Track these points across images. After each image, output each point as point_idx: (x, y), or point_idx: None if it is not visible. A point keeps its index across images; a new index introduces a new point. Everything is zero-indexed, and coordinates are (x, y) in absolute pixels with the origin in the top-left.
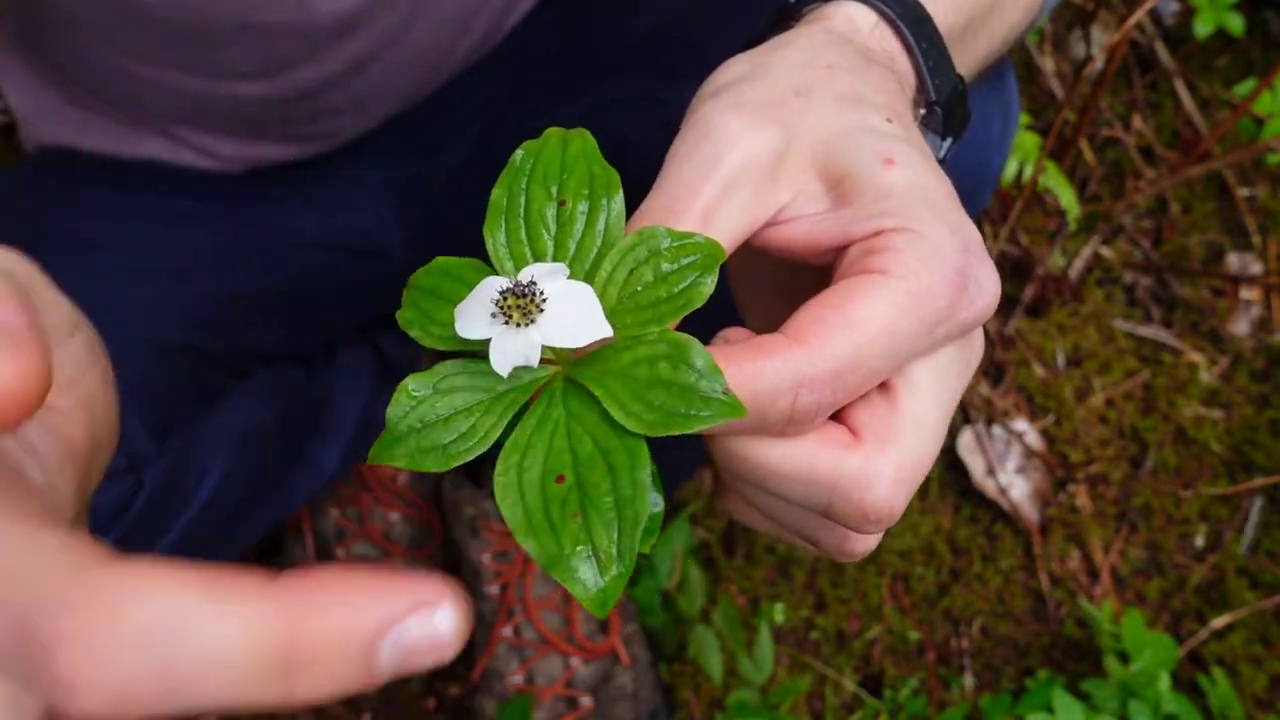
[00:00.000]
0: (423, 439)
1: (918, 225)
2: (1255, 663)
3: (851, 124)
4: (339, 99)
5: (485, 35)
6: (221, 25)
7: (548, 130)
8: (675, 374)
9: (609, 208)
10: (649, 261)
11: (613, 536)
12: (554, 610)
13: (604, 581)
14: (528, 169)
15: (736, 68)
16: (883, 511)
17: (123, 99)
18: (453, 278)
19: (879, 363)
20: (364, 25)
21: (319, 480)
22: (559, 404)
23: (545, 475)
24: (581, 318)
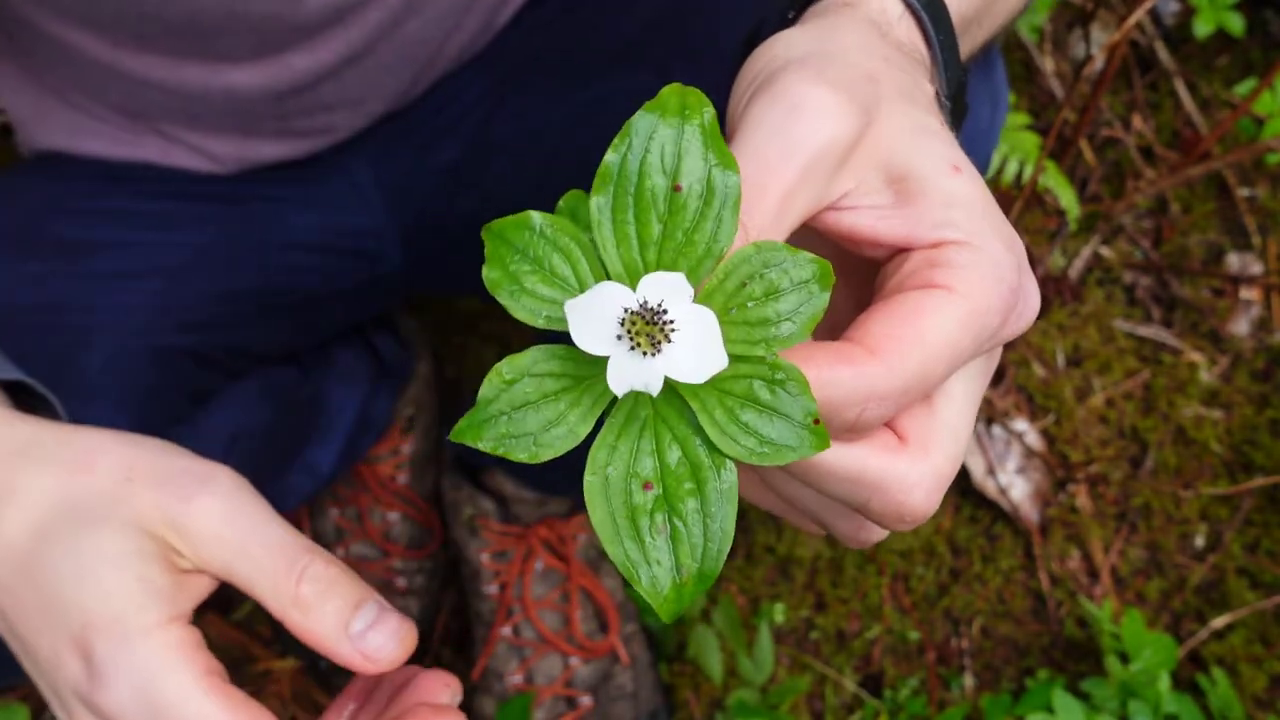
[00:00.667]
0: (513, 425)
1: (980, 240)
2: (1255, 663)
3: (915, 123)
4: (332, 93)
5: (478, 32)
6: (213, 16)
7: (665, 90)
8: (772, 398)
9: (724, 203)
10: (762, 276)
11: (697, 556)
12: (553, 610)
13: (682, 594)
14: (643, 140)
15: (801, 40)
16: (920, 514)
17: (116, 98)
18: (547, 239)
19: (939, 376)
20: (354, 16)
21: (315, 481)
22: (647, 404)
23: (630, 479)
24: (704, 349)
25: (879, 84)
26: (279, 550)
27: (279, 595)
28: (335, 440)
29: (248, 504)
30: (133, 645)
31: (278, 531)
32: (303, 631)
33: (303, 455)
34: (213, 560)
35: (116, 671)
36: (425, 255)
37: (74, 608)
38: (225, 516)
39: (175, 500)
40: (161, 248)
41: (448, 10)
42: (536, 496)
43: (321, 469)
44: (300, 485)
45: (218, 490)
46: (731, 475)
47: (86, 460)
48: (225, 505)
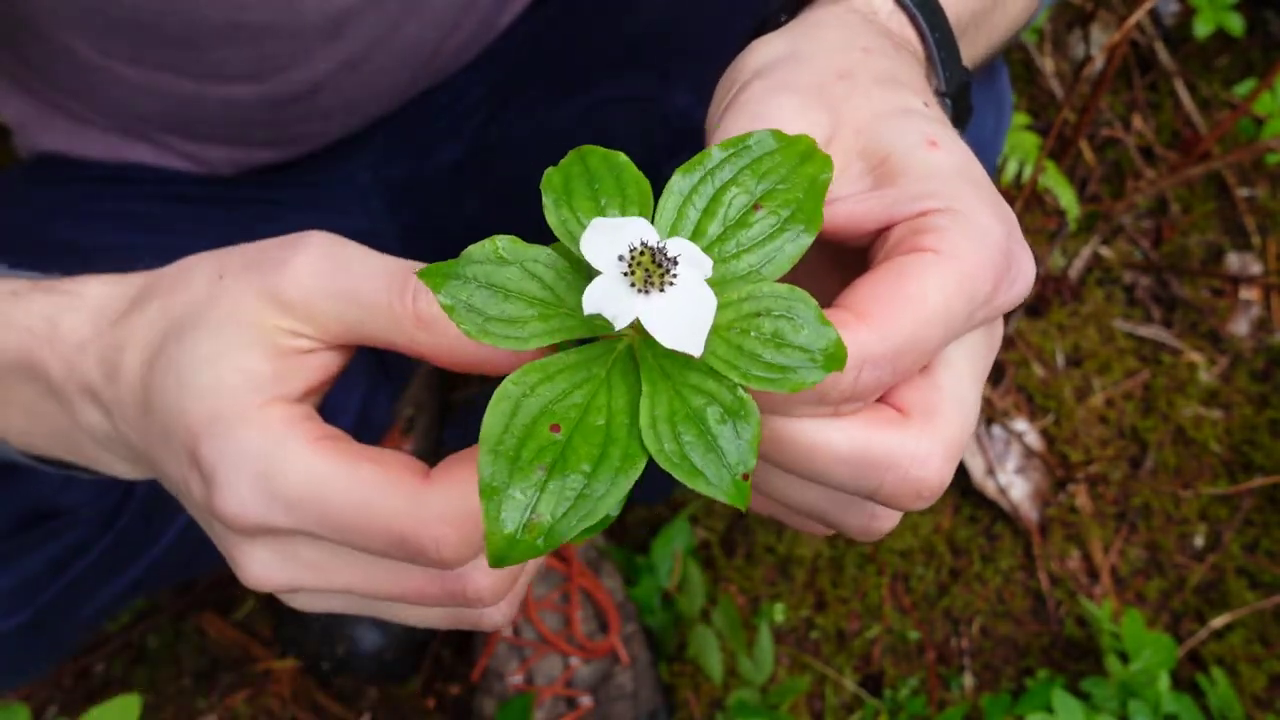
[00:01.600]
0: (475, 296)
1: (963, 205)
2: (1255, 662)
3: (893, 106)
4: (329, 101)
5: (476, 34)
6: (211, 26)
7: (802, 136)
8: (719, 428)
9: (790, 245)
10: (777, 319)
11: (555, 513)
12: (553, 610)
13: (518, 539)
14: (754, 154)
15: (774, 47)
16: (935, 487)
17: (111, 105)
18: (617, 182)
19: (934, 341)
20: (353, 25)
21: None
22: (606, 365)
23: (544, 414)
24: (686, 325)
25: (851, 77)
26: (385, 276)
27: (399, 322)
28: None
29: (346, 249)
30: (235, 434)
31: (379, 260)
32: (434, 351)
33: None
34: (326, 318)
35: (225, 467)
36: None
37: (180, 421)
38: (324, 268)
39: (270, 274)
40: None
41: (445, 11)
42: None
43: None
44: None
45: (311, 247)
46: (637, 465)
47: (183, 278)
48: (321, 258)
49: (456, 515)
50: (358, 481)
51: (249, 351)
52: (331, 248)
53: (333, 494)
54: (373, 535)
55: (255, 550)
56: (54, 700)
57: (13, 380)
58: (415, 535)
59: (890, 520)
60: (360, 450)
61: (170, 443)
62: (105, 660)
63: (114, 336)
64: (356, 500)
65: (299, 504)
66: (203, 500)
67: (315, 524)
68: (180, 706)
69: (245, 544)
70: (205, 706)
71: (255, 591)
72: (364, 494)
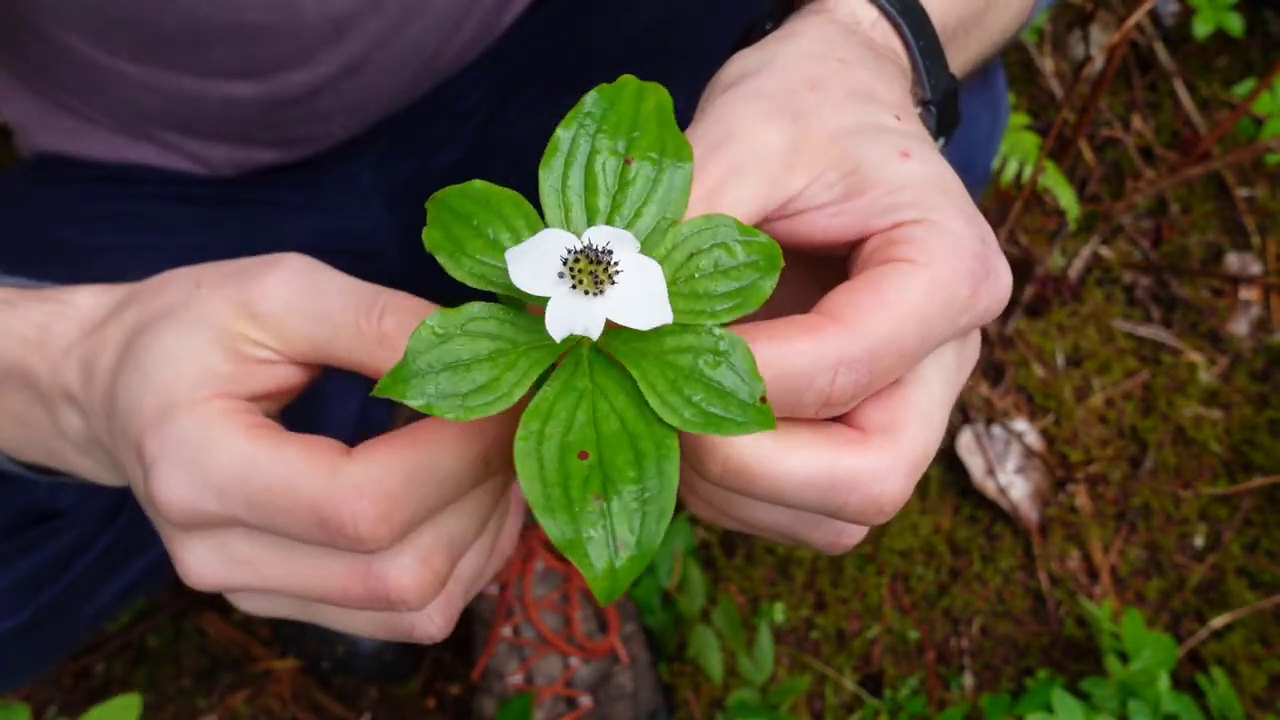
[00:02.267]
0: (441, 382)
1: (936, 216)
2: (1255, 662)
3: (864, 119)
4: (330, 103)
5: (477, 35)
6: (210, 25)
7: (623, 77)
8: (716, 372)
9: (674, 179)
10: (711, 250)
11: (634, 528)
12: (553, 610)
13: (619, 567)
14: (597, 116)
15: (748, 60)
16: (897, 503)
17: (111, 104)
18: (490, 209)
19: (911, 347)
20: (354, 28)
21: None
22: (585, 374)
23: (566, 449)
24: (649, 298)
25: (822, 87)
26: (354, 297)
27: (364, 341)
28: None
29: (319, 271)
30: (174, 423)
31: (349, 283)
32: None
33: None
34: (295, 335)
35: (162, 455)
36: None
37: (134, 417)
38: (297, 287)
39: (245, 286)
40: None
41: (446, 14)
42: None
43: None
44: None
45: (287, 266)
46: (673, 445)
47: (162, 288)
48: (296, 277)
49: (373, 488)
50: (281, 460)
51: (210, 350)
52: (307, 269)
53: (257, 474)
54: (295, 514)
55: (193, 544)
56: (54, 700)
57: (6, 388)
58: (333, 508)
59: (857, 535)
60: (289, 434)
61: (127, 438)
62: (105, 660)
63: (93, 340)
64: (279, 478)
65: (227, 488)
66: (143, 491)
67: (242, 507)
68: (180, 706)
69: (183, 537)
70: (205, 706)
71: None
72: (286, 470)
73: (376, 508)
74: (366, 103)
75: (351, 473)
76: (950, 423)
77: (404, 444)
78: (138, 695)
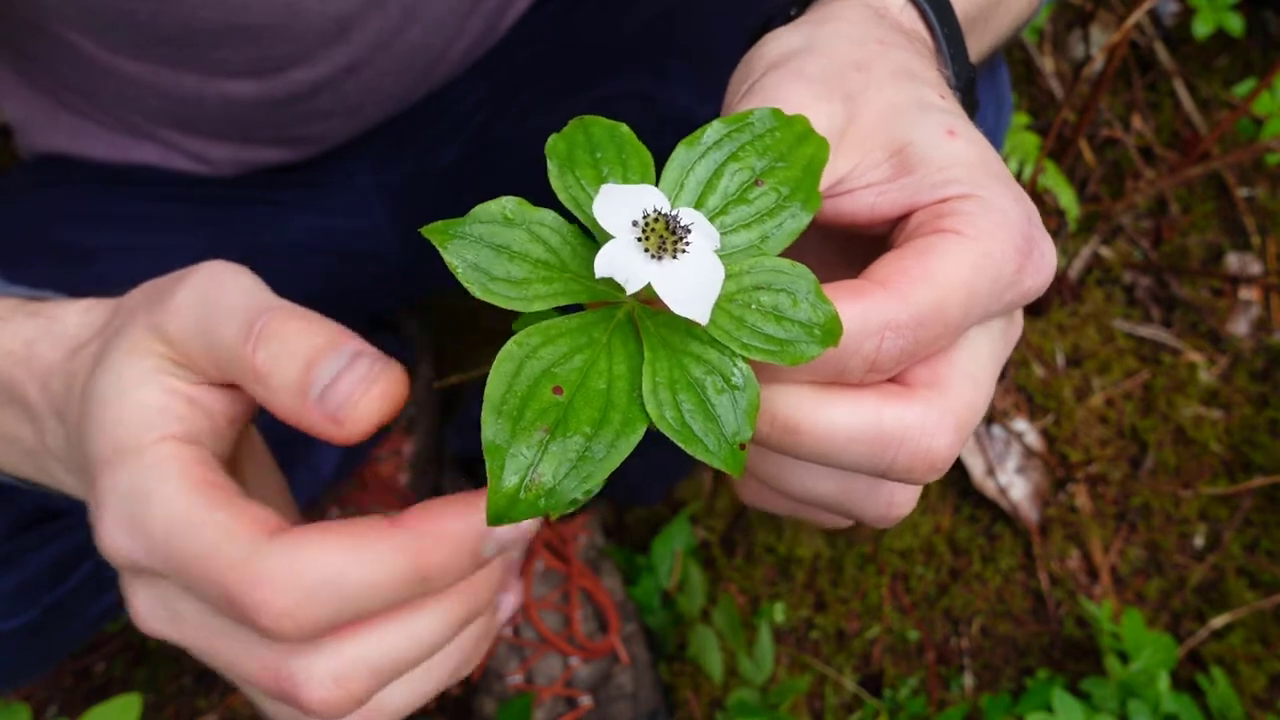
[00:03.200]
0: (481, 255)
1: (985, 192)
2: (1255, 662)
3: (910, 98)
4: (330, 102)
5: (479, 38)
6: (207, 26)
7: (798, 116)
8: (717, 397)
9: (789, 222)
10: (780, 293)
11: (557, 474)
12: (553, 610)
13: (519, 499)
14: (755, 131)
15: (790, 39)
16: (947, 459)
17: (113, 102)
18: (620, 151)
19: (956, 316)
20: (355, 29)
21: (317, 482)
22: (607, 330)
23: (546, 375)
24: (696, 292)
25: (868, 69)
26: (242, 316)
27: (244, 373)
28: None
29: (227, 283)
30: (122, 469)
31: (246, 298)
32: (272, 406)
33: (305, 456)
34: (199, 356)
35: (108, 500)
36: (426, 256)
37: (89, 455)
38: (198, 303)
39: (156, 308)
40: (164, 251)
41: (448, 17)
42: None
43: (323, 470)
44: (302, 485)
45: (191, 280)
46: (634, 434)
47: (116, 307)
48: (200, 291)
49: (284, 579)
50: (209, 524)
51: (144, 387)
52: (213, 281)
53: (183, 537)
54: (207, 586)
55: (139, 590)
56: (54, 700)
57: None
58: (239, 590)
59: (908, 503)
60: (230, 493)
61: (87, 474)
62: (105, 660)
63: (75, 363)
64: (203, 544)
65: (156, 546)
66: (95, 534)
67: (166, 566)
68: (180, 706)
69: (132, 581)
70: (205, 706)
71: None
72: (211, 537)
73: (281, 600)
74: (368, 103)
75: (268, 556)
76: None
77: (334, 539)
78: (138, 695)
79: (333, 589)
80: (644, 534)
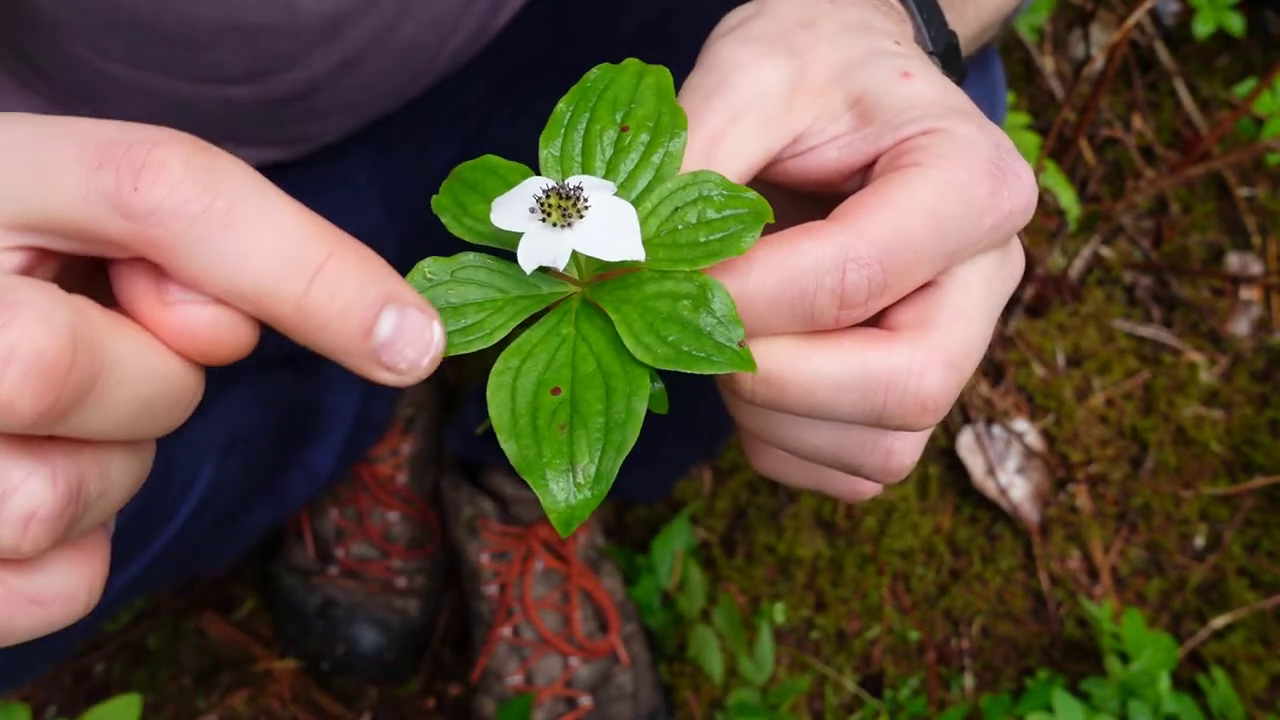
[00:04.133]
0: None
1: (945, 125)
2: (1255, 663)
3: (864, 48)
4: (326, 101)
5: (473, 36)
6: (209, 27)
7: (627, 60)
8: (694, 315)
9: (669, 145)
10: (696, 204)
11: (594, 455)
12: (553, 610)
13: (575, 499)
14: (599, 89)
15: (744, 10)
16: (939, 399)
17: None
18: (498, 177)
19: (925, 245)
20: (350, 26)
21: (314, 482)
22: (570, 322)
23: (541, 385)
24: (618, 234)
25: (815, 26)
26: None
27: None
28: (334, 441)
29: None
30: None
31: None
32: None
33: (302, 456)
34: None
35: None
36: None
37: None
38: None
39: None
40: None
41: (443, 14)
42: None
43: (321, 470)
44: (300, 486)
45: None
46: (644, 383)
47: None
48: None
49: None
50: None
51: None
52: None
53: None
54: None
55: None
56: (54, 700)
57: None
58: None
59: (908, 452)
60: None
61: None
62: (105, 660)
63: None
64: None
65: None
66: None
67: None
68: (180, 706)
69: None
70: (205, 706)
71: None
72: None
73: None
74: (363, 101)
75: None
76: (950, 422)
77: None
78: (138, 695)
79: None
80: (644, 534)
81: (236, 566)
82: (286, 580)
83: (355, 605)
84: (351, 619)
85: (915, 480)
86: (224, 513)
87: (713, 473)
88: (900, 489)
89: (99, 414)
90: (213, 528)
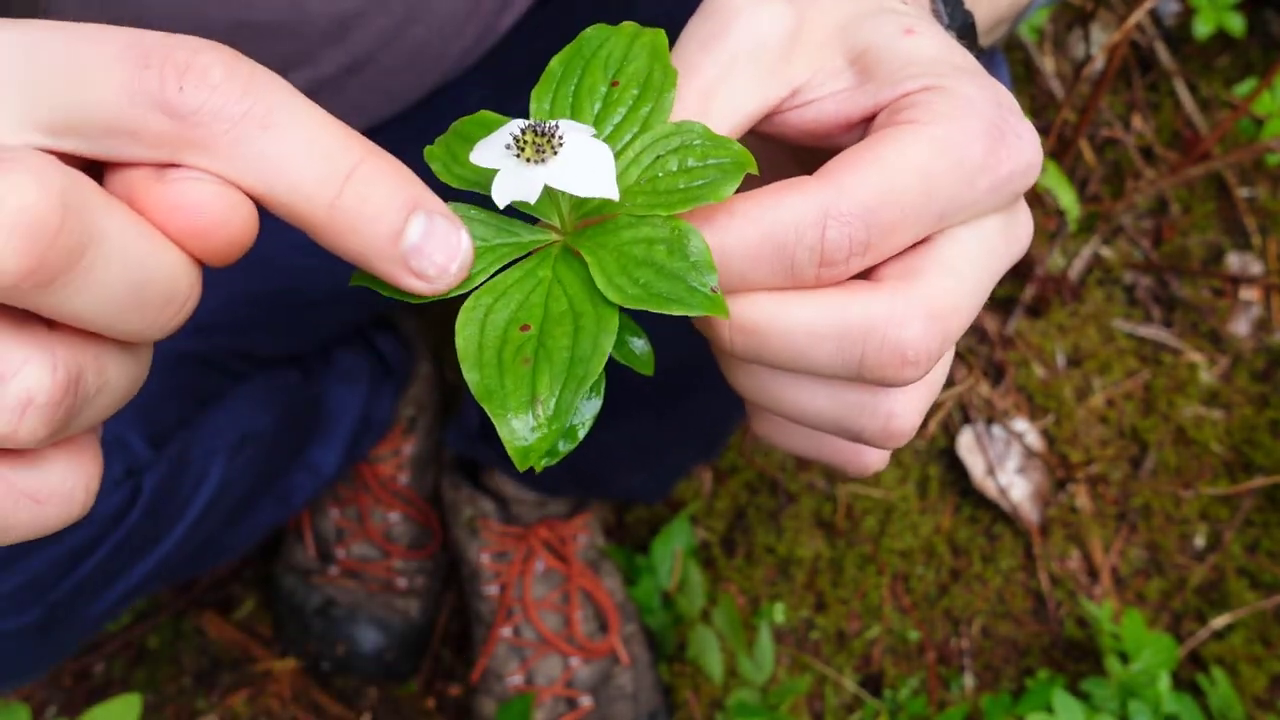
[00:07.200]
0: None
1: (946, 82)
2: (1255, 663)
3: (868, 5)
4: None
5: (479, 37)
6: (217, 26)
7: (624, 23)
8: (668, 259)
9: (658, 101)
10: (677, 152)
11: (555, 389)
12: (553, 610)
13: (532, 435)
14: (593, 48)
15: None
16: (920, 350)
17: None
18: (488, 129)
19: (914, 203)
20: (358, 27)
21: (318, 482)
22: (549, 266)
23: (511, 322)
24: (592, 172)
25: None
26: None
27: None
28: (337, 441)
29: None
30: None
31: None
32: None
33: (305, 455)
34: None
35: None
36: None
37: None
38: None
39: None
40: None
41: (450, 15)
42: (537, 497)
43: (323, 469)
44: (302, 485)
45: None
46: (612, 322)
47: None
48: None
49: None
50: None
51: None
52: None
53: None
54: None
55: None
56: (54, 700)
57: None
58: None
59: (910, 415)
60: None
61: None
62: (105, 660)
63: None
64: None
65: None
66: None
67: None
68: (180, 706)
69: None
70: (205, 706)
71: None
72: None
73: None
74: (369, 102)
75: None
76: (950, 423)
77: None
78: (138, 695)
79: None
80: (644, 534)
81: (236, 566)
82: (287, 580)
83: (355, 605)
84: (352, 619)
85: (915, 480)
86: (229, 514)
87: (713, 473)
88: (900, 489)
89: (89, 291)
90: (218, 527)
